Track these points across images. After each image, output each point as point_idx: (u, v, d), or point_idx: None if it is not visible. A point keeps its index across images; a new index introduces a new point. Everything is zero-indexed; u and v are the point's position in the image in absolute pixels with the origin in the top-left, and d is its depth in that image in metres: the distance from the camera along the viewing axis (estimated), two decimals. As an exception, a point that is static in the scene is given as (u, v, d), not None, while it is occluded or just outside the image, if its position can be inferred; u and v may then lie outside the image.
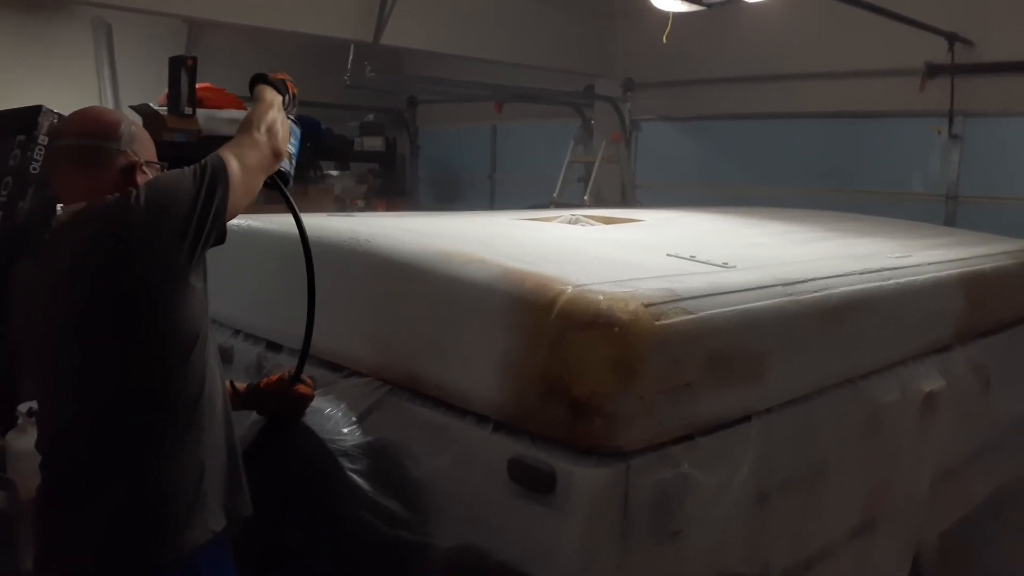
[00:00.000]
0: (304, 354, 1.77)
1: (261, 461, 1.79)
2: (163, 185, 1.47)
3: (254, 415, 1.82)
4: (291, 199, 1.84)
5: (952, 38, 4.92)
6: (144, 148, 1.57)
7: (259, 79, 1.80)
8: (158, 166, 1.59)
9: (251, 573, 1.75)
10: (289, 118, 1.84)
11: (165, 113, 1.98)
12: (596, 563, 1.45)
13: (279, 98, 1.76)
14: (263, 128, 1.64)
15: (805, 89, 5.66)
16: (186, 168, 1.50)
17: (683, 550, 1.55)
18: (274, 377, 1.80)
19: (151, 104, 2.09)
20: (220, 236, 1.50)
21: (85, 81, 6.96)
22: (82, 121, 1.54)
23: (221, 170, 1.49)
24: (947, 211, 5.19)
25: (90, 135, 1.51)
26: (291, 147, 1.85)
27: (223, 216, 1.48)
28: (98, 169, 1.49)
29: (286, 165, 1.82)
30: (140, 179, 1.51)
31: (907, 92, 5.18)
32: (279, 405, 1.78)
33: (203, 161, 1.51)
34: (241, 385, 1.81)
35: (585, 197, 6.18)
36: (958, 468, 2.54)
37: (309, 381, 1.80)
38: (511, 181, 8.00)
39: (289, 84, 1.85)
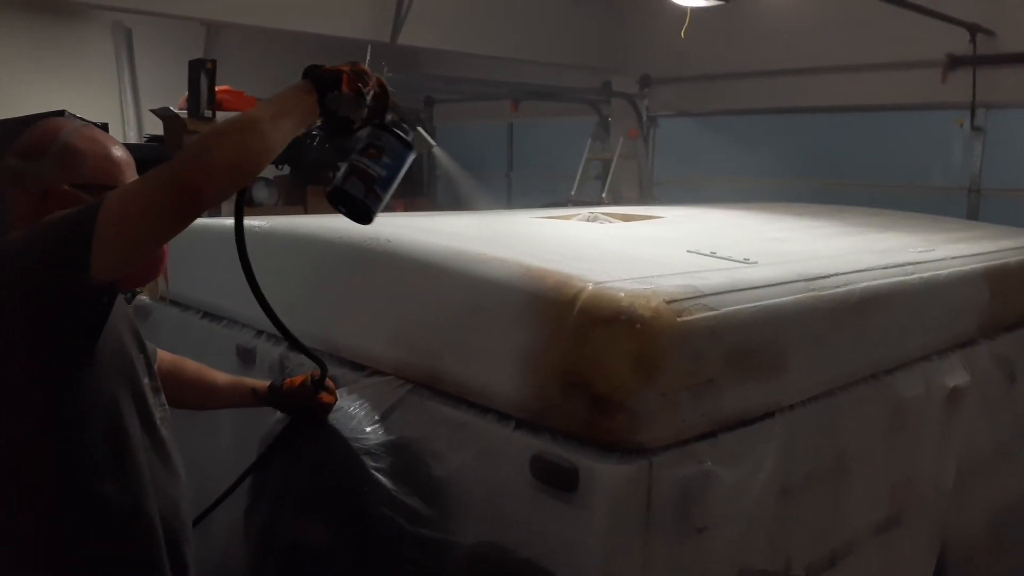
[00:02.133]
0: (296, 347, 1.69)
1: (284, 459, 1.81)
2: (31, 231, 1.26)
3: (278, 412, 1.84)
4: (242, 229, 1.49)
5: (974, 29, 4.87)
6: (83, 171, 1.37)
7: (306, 72, 1.43)
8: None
9: (273, 571, 1.77)
10: (393, 131, 1.49)
11: (185, 116, 1.92)
12: (619, 559, 1.45)
13: (306, 98, 1.37)
14: (195, 148, 1.26)
15: (824, 83, 5.62)
16: (70, 210, 1.25)
17: (706, 546, 1.55)
18: (297, 380, 1.80)
19: (171, 107, 2.06)
20: (84, 300, 1.22)
21: (106, 86, 7.05)
22: (24, 137, 1.39)
23: (88, 220, 1.19)
24: (970, 204, 5.14)
25: (19, 154, 1.38)
26: (376, 168, 1.48)
27: (81, 278, 1.19)
28: (17, 191, 1.36)
29: (358, 191, 1.46)
30: (63, 207, 1.31)
31: (928, 84, 5.13)
32: (302, 409, 1.78)
33: (76, 210, 1.24)
34: (263, 384, 1.83)
35: (603, 194, 6.18)
36: (985, 464, 2.51)
37: (332, 386, 1.80)
38: (528, 179, 8.00)
39: (347, 78, 1.40)
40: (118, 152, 1.46)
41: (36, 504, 1.32)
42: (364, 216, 1.50)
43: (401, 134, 1.51)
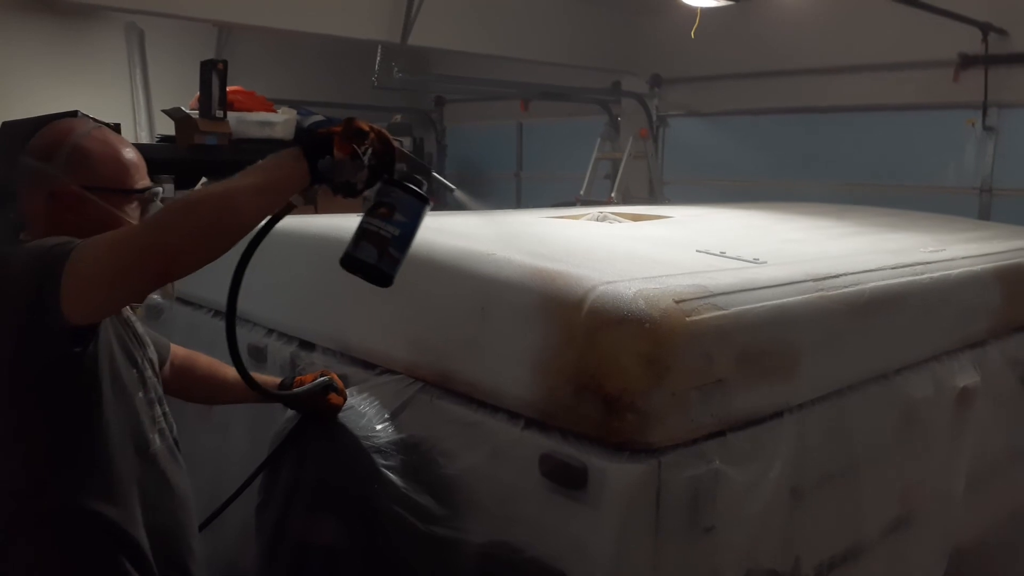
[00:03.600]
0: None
1: (294, 457, 1.82)
2: (24, 250, 1.27)
3: (289, 411, 1.85)
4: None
5: (986, 28, 4.84)
6: (94, 173, 1.38)
7: (297, 138, 1.45)
8: (132, 194, 1.42)
9: (284, 569, 1.78)
10: (404, 187, 1.39)
11: (197, 116, 1.91)
12: (628, 558, 1.45)
13: (295, 167, 1.29)
14: (161, 219, 1.22)
15: (835, 82, 5.60)
16: (48, 241, 1.25)
17: (716, 546, 1.55)
18: (307, 378, 1.81)
19: (183, 108, 2.05)
20: (61, 339, 1.22)
21: (118, 86, 7.09)
22: (39, 136, 1.41)
23: (55, 266, 1.19)
24: (981, 204, 5.11)
25: (33, 153, 1.39)
26: (389, 228, 1.38)
27: (53, 319, 1.19)
28: (31, 191, 1.38)
29: (370, 256, 1.36)
30: (71, 208, 1.35)
31: (940, 84, 5.10)
32: (311, 409, 1.79)
33: (56, 246, 1.23)
34: (274, 380, 1.84)
35: (612, 194, 6.17)
36: (996, 465, 2.50)
37: (341, 386, 1.81)
38: (538, 179, 8.00)
39: (338, 141, 1.31)
40: (129, 155, 1.46)
41: (26, 521, 1.33)
42: (382, 280, 1.41)
43: (413, 187, 1.41)
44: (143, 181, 1.47)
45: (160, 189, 1.50)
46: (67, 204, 1.37)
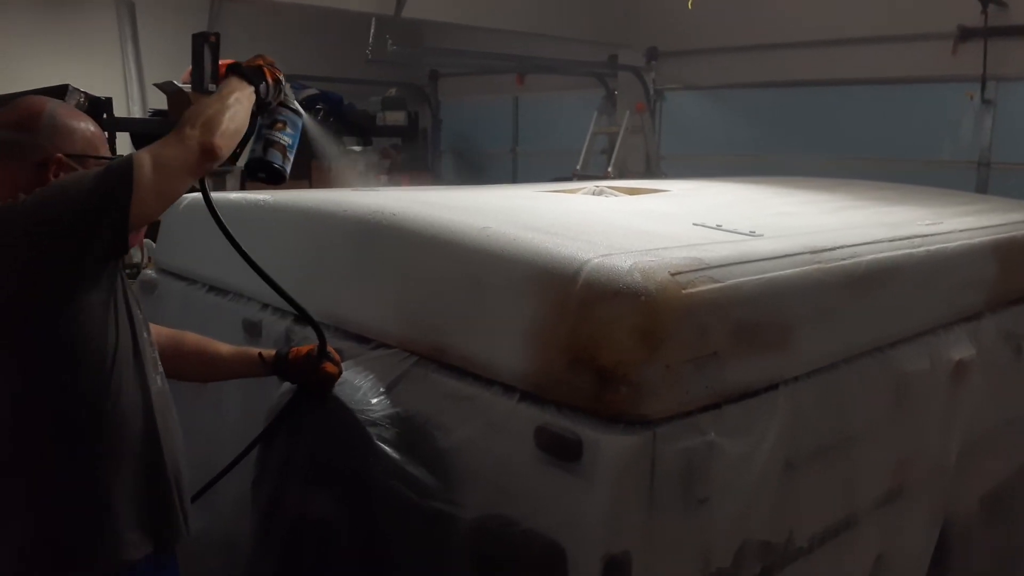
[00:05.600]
0: (314, 324, 1.78)
1: (289, 431, 1.82)
2: (53, 189, 1.37)
3: (285, 384, 1.84)
4: (211, 201, 1.66)
5: (985, 0, 4.80)
6: (73, 142, 1.47)
7: (230, 70, 1.67)
8: (102, 160, 1.48)
9: (279, 542, 1.79)
10: (287, 106, 1.77)
11: (189, 90, 1.92)
12: (622, 530, 1.46)
13: (247, 89, 1.63)
14: (198, 123, 1.46)
15: (833, 55, 5.56)
16: (91, 170, 1.39)
17: (709, 518, 1.55)
18: (303, 350, 1.81)
19: (175, 81, 2.04)
20: (118, 246, 1.36)
21: (110, 60, 7.02)
22: (7, 112, 1.47)
23: (126, 173, 1.34)
24: (979, 178, 5.10)
25: (9, 127, 1.45)
26: (285, 138, 1.76)
27: (122, 225, 1.34)
28: (13, 163, 1.43)
29: (277, 159, 1.74)
30: (58, 176, 1.42)
31: (939, 56, 5.07)
32: (306, 380, 1.80)
33: (112, 162, 1.39)
34: (269, 352, 1.83)
35: (609, 169, 6.15)
36: (989, 438, 2.52)
37: (337, 357, 1.81)
38: (533, 154, 7.96)
39: (267, 70, 1.70)
40: (95, 126, 1.56)
41: (65, 436, 1.39)
42: (281, 179, 1.75)
43: (296, 106, 1.79)
44: (106, 151, 1.57)
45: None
46: (57, 171, 1.45)
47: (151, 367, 1.53)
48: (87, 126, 1.52)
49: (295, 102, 1.82)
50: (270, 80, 1.69)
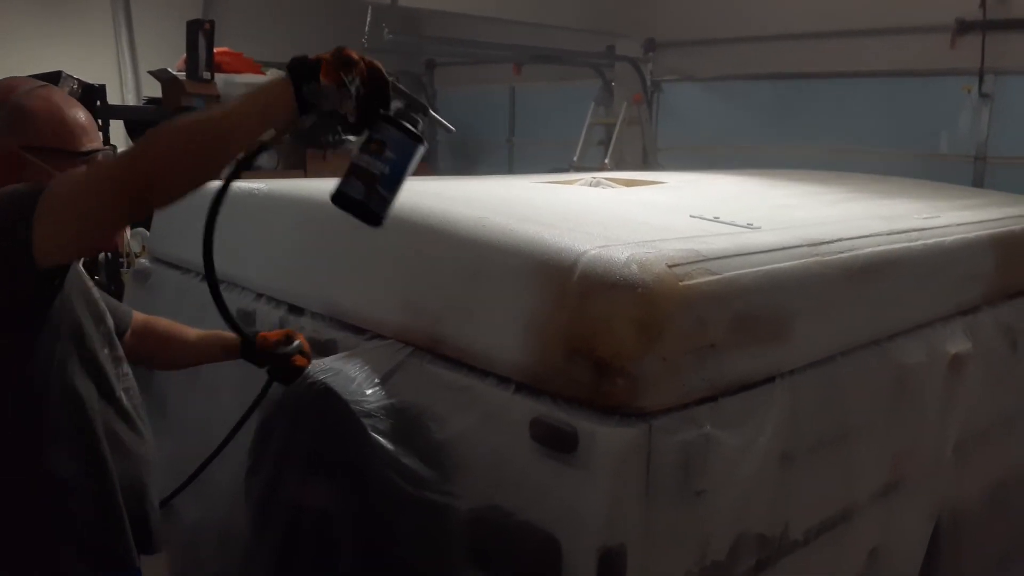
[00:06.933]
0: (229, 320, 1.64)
1: (284, 421, 1.81)
2: None
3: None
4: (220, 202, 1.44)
5: (985, -7, 4.79)
6: (39, 133, 1.32)
7: (292, 61, 1.27)
8: (83, 155, 1.35)
9: (275, 534, 1.78)
10: (395, 121, 1.33)
11: (184, 78, 1.85)
12: (618, 522, 1.45)
13: (279, 94, 1.23)
14: (146, 156, 1.16)
15: (832, 47, 5.54)
16: (12, 192, 1.19)
17: (706, 510, 1.55)
18: (271, 336, 1.78)
19: (169, 69, 1.98)
20: (21, 292, 1.19)
21: (104, 47, 6.97)
22: None
23: (28, 207, 1.14)
24: (976, 172, 5.10)
25: None
26: (377, 164, 1.33)
27: (22, 264, 1.15)
28: None
29: (356, 191, 1.32)
30: (12, 170, 1.29)
31: (937, 50, 5.06)
32: (274, 366, 1.76)
33: (27, 186, 1.18)
34: (235, 337, 1.79)
35: (606, 160, 6.13)
36: (986, 432, 2.52)
37: (307, 348, 1.79)
38: (530, 145, 7.94)
39: (325, 65, 1.25)
40: (75, 115, 1.38)
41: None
42: (371, 219, 1.35)
43: (407, 124, 1.34)
44: (91, 143, 1.39)
45: (107, 151, 1.43)
46: (9, 166, 1.31)
47: (112, 383, 1.43)
48: (63, 115, 1.36)
49: (419, 118, 1.39)
50: (327, 81, 1.25)
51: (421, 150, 1.37)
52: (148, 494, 1.51)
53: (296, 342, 1.78)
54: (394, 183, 1.35)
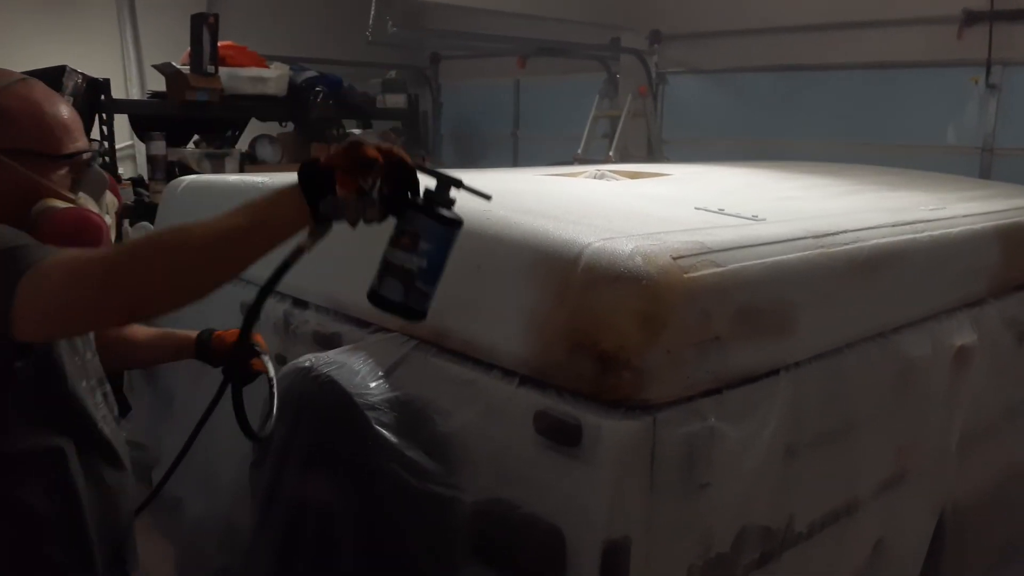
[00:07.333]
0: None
1: (286, 415, 1.81)
2: None
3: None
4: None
5: (992, -17, 4.76)
6: (14, 136, 1.23)
7: (302, 172, 1.13)
8: (59, 160, 1.27)
9: (279, 527, 1.78)
10: (425, 210, 1.20)
11: (188, 72, 1.82)
12: (622, 515, 1.45)
13: (287, 211, 1.13)
14: (143, 257, 1.07)
15: (838, 39, 5.51)
16: (6, 244, 1.09)
17: (710, 503, 1.55)
18: (226, 336, 1.75)
19: (173, 63, 1.96)
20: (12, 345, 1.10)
21: (108, 41, 6.97)
22: None
23: (6, 290, 1.04)
24: (983, 164, 5.07)
25: None
26: (413, 260, 1.21)
27: None
28: None
29: (395, 293, 1.22)
30: None
31: (944, 41, 5.03)
32: (229, 366, 1.67)
33: (27, 253, 1.08)
34: (190, 336, 1.76)
35: (610, 153, 6.11)
36: (991, 425, 2.51)
37: (265, 348, 1.74)
38: (535, 138, 7.92)
39: (339, 176, 1.12)
40: (57, 114, 1.29)
41: None
42: (412, 316, 1.25)
43: (440, 210, 1.22)
44: (75, 144, 1.30)
45: (93, 152, 1.35)
46: None
47: (92, 416, 1.36)
48: (42, 114, 1.26)
49: (450, 197, 1.24)
50: (344, 193, 1.14)
51: (459, 231, 1.24)
52: (125, 519, 1.47)
53: (253, 343, 1.71)
54: (434, 276, 1.23)
